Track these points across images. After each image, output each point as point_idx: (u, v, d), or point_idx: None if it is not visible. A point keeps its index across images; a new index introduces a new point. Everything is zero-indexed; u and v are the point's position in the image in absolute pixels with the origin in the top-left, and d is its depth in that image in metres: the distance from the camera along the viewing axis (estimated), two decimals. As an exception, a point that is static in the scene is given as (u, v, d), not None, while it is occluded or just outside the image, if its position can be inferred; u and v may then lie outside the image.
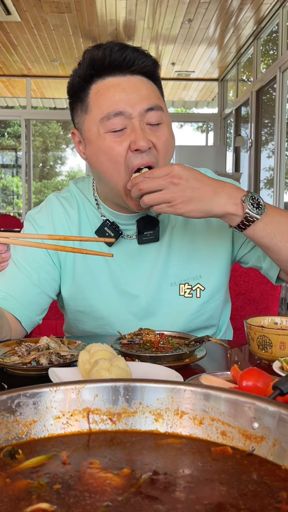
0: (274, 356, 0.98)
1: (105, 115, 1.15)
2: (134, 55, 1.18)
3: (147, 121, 1.17)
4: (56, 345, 0.97)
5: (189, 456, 0.60)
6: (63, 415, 0.64)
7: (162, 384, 0.66)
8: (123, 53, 1.17)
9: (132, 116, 1.15)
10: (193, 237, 1.34)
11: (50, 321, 3.59)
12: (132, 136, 1.15)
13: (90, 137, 1.20)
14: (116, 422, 0.65)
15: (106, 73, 1.18)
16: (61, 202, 1.37)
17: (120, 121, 1.15)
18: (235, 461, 0.58)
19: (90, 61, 1.18)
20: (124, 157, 1.15)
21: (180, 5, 6.47)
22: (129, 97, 1.15)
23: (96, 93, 1.18)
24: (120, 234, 1.30)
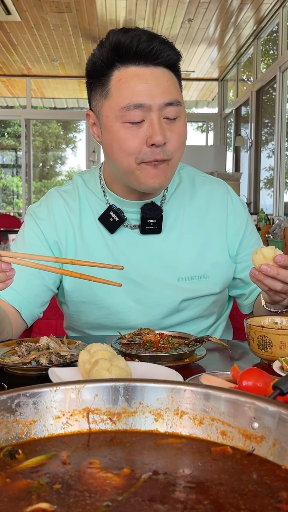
0: (274, 356, 0.98)
1: (126, 105, 1.15)
2: (161, 47, 1.16)
3: (165, 115, 1.17)
4: (56, 345, 0.97)
5: (189, 456, 0.60)
6: (63, 415, 0.64)
7: (162, 384, 0.66)
8: (151, 44, 1.15)
9: (152, 109, 1.15)
10: (205, 238, 1.36)
11: (50, 321, 3.59)
12: (149, 130, 1.15)
13: (107, 123, 1.20)
14: (116, 422, 0.65)
15: (130, 62, 1.16)
16: (61, 195, 1.38)
17: (139, 113, 1.15)
18: (235, 461, 0.58)
19: (115, 46, 1.16)
20: (137, 150, 1.17)
21: (180, 5, 6.47)
22: (150, 90, 1.15)
23: (119, 81, 1.17)
24: (125, 219, 1.31)
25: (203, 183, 1.42)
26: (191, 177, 1.43)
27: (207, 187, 1.42)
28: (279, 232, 5.07)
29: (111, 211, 1.30)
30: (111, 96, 1.18)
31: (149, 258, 1.33)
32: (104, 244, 1.33)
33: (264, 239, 5.38)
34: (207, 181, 1.43)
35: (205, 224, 1.37)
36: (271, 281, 1.09)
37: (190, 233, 1.35)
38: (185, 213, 1.36)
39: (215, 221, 1.38)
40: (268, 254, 1.08)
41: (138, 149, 1.16)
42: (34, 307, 1.33)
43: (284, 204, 6.73)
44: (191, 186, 1.41)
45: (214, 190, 1.41)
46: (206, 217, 1.38)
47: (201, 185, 1.42)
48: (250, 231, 1.42)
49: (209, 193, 1.40)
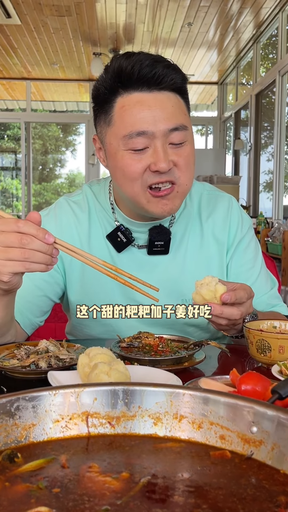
0: (273, 360, 0.98)
1: (128, 133, 1.14)
2: (164, 71, 1.14)
3: (170, 141, 1.15)
4: (55, 348, 0.97)
5: (188, 460, 0.60)
6: (62, 419, 0.65)
7: (161, 388, 0.66)
8: (153, 69, 1.13)
9: (156, 136, 1.13)
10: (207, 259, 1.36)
11: (49, 324, 3.58)
12: (153, 157, 1.14)
13: (111, 150, 1.20)
14: (115, 426, 0.66)
15: (133, 88, 1.15)
16: (70, 206, 1.36)
17: (142, 140, 1.13)
18: (233, 465, 0.58)
19: (117, 72, 1.15)
20: (140, 175, 1.16)
21: (180, 9, 6.48)
22: (153, 116, 1.13)
23: (121, 108, 1.16)
24: (132, 241, 1.30)
25: (209, 201, 1.41)
26: (199, 194, 1.42)
27: (212, 205, 1.41)
28: (278, 236, 5.07)
29: (119, 231, 1.30)
30: (114, 124, 1.17)
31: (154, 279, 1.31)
32: (111, 261, 1.32)
33: (263, 243, 5.39)
34: (212, 198, 1.42)
35: (208, 243, 1.37)
36: (215, 318, 1.07)
37: (194, 253, 1.35)
38: (191, 233, 1.36)
39: (217, 239, 1.38)
40: (207, 296, 1.04)
41: (141, 174, 1.16)
42: (34, 316, 1.33)
43: (283, 207, 6.73)
44: (198, 205, 1.40)
45: (217, 208, 1.40)
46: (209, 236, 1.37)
47: (207, 203, 1.41)
48: (244, 248, 1.40)
49: (213, 211, 1.40)
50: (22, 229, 0.93)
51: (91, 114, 3.86)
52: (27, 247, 0.93)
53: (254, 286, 1.38)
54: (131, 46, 7.90)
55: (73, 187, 14.06)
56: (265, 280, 1.41)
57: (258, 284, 1.38)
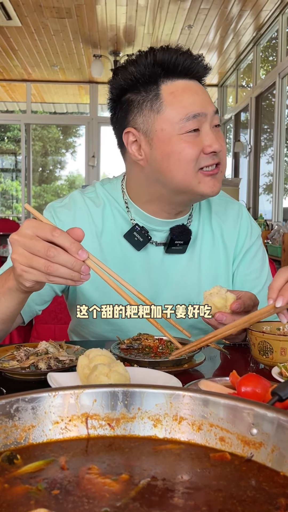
0: (275, 362, 0.98)
1: (185, 116, 1.19)
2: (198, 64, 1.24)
3: (213, 122, 1.23)
4: (55, 349, 0.97)
5: (187, 462, 0.60)
6: (61, 420, 0.64)
7: (161, 390, 0.66)
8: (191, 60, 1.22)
9: (207, 117, 1.21)
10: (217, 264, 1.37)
11: (49, 325, 3.58)
12: (206, 139, 1.20)
13: (163, 137, 1.20)
14: (115, 428, 0.65)
15: (176, 76, 1.22)
16: (85, 201, 1.35)
17: (196, 123, 1.19)
18: (233, 467, 0.58)
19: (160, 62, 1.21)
20: (196, 159, 1.20)
21: (180, 11, 6.50)
22: (202, 99, 1.21)
23: (171, 94, 1.20)
24: (149, 240, 1.30)
25: (220, 206, 1.42)
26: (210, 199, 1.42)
27: (223, 211, 1.41)
28: (278, 238, 5.07)
29: (135, 231, 1.30)
30: (164, 110, 1.20)
31: (168, 279, 1.33)
32: (123, 261, 1.31)
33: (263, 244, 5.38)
34: (223, 205, 1.43)
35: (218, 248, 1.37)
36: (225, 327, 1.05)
37: (207, 256, 1.36)
38: (204, 236, 1.37)
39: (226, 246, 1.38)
40: (218, 304, 1.05)
41: (197, 156, 1.20)
42: (34, 303, 1.32)
43: (283, 209, 6.74)
44: (209, 210, 1.41)
45: (228, 215, 1.41)
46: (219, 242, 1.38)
47: (217, 209, 1.42)
48: (252, 257, 1.40)
49: (223, 218, 1.40)
50: (56, 239, 0.88)
51: (91, 116, 3.84)
52: (53, 260, 0.88)
53: (260, 295, 1.37)
54: (131, 48, 7.91)
55: (73, 188, 14.06)
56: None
57: (264, 294, 1.38)
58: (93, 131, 10.19)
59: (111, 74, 8.51)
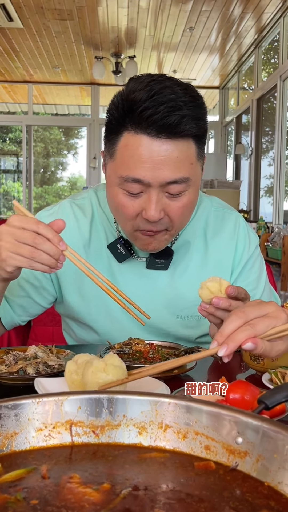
0: (266, 368, 0.97)
1: (124, 176, 1.09)
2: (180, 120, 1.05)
3: (167, 190, 1.11)
4: (44, 354, 0.96)
5: (171, 471, 0.59)
6: (45, 427, 0.64)
7: (146, 397, 0.65)
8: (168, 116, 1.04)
9: (151, 185, 1.09)
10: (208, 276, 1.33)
11: (47, 327, 3.57)
12: (146, 203, 1.11)
13: (109, 181, 1.17)
14: (99, 435, 0.65)
15: (140, 129, 1.06)
16: (73, 210, 1.34)
17: (138, 186, 1.10)
18: (217, 477, 0.57)
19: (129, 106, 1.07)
20: (133, 218, 1.14)
21: (182, 13, 6.49)
22: (153, 166, 1.07)
23: (125, 147, 1.09)
24: (132, 254, 1.29)
25: (216, 218, 1.38)
26: (207, 211, 1.38)
27: (219, 223, 1.38)
28: (278, 241, 5.06)
29: (119, 243, 1.28)
30: (115, 159, 1.12)
31: (151, 293, 1.31)
32: (110, 270, 1.31)
33: (263, 248, 5.37)
34: (219, 216, 1.39)
35: (211, 262, 1.34)
36: (223, 313, 1.06)
37: (195, 272, 1.33)
38: (194, 252, 1.34)
39: (222, 260, 1.35)
40: (213, 288, 1.06)
41: (134, 218, 1.14)
42: (15, 314, 1.33)
43: (283, 212, 6.72)
44: (205, 222, 1.37)
45: (224, 226, 1.38)
46: (214, 256, 1.35)
47: (214, 221, 1.38)
48: (249, 268, 1.38)
49: (219, 230, 1.37)
50: (40, 231, 0.99)
51: (93, 118, 3.83)
52: (38, 247, 0.98)
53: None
54: (133, 50, 7.91)
55: (75, 190, 14.07)
56: (267, 300, 1.40)
57: None
58: (94, 132, 10.19)
59: (112, 76, 8.51)
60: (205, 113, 1.12)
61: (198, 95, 1.12)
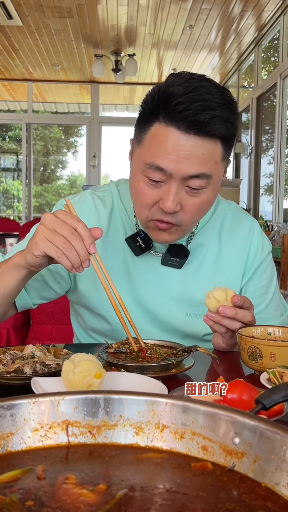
0: (265, 367, 0.97)
1: (149, 163, 1.12)
2: (209, 120, 1.08)
3: (187, 184, 1.13)
4: (42, 353, 0.96)
5: (168, 471, 0.59)
6: (41, 428, 0.63)
7: (143, 397, 0.64)
8: (198, 115, 1.07)
9: (173, 176, 1.11)
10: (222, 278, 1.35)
11: (46, 326, 3.57)
12: (164, 195, 1.13)
13: (133, 167, 1.20)
14: (96, 435, 0.64)
15: (172, 122, 1.09)
16: (94, 201, 1.37)
17: (160, 175, 1.12)
18: (214, 478, 0.57)
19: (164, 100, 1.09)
20: (150, 206, 1.16)
21: (181, 11, 6.48)
22: (178, 158, 1.09)
23: (154, 136, 1.12)
24: (151, 247, 1.30)
25: (232, 221, 1.39)
26: (224, 212, 1.40)
27: (235, 226, 1.39)
28: (278, 239, 5.06)
29: (139, 237, 1.30)
30: (142, 146, 1.15)
31: (164, 289, 1.32)
32: (124, 263, 1.32)
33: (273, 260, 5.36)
34: (236, 219, 1.40)
35: (224, 264, 1.36)
36: (229, 321, 1.11)
37: (207, 272, 1.34)
38: (208, 252, 1.35)
39: (234, 262, 1.36)
40: (220, 297, 1.09)
41: (151, 206, 1.16)
42: (29, 296, 1.33)
43: (283, 210, 6.72)
44: (221, 224, 1.38)
45: (239, 230, 1.39)
46: (226, 258, 1.36)
47: (230, 223, 1.39)
48: (260, 273, 1.38)
49: (234, 233, 1.38)
50: (79, 229, 1.03)
51: (92, 116, 3.81)
52: (71, 241, 1.02)
53: (263, 312, 1.36)
54: (132, 48, 7.90)
55: (74, 188, 14.06)
56: (275, 307, 1.41)
57: (268, 310, 1.38)
58: (94, 131, 10.18)
59: (112, 74, 8.51)
60: (236, 118, 1.15)
61: (233, 100, 1.15)
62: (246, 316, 1.10)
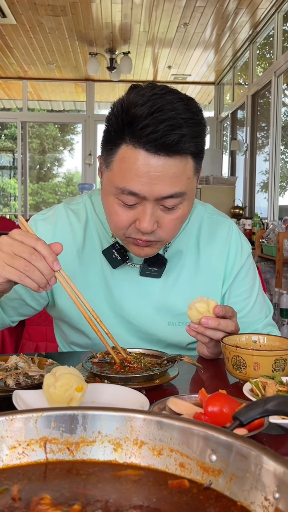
0: (249, 377, 0.97)
1: (121, 188, 1.09)
2: (182, 139, 1.05)
3: (162, 204, 1.11)
4: (26, 364, 0.95)
5: (144, 489, 0.58)
6: (19, 445, 0.63)
7: (121, 413, 0.64)
8: (170, 137, 1.04)
9: (147, 199, 1.09)
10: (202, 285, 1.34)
11: (40, 327, 3.57)
12: (140, 215, 1.11)
13: (104, 189, 1.18)
14: (74, 452, 0.64)
15: (140, 144, 1.05)
16: (68, 215, 1.34)
17: (133, 198, 1.10)
18: (190, 496, 0.57)
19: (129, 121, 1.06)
20: (126, 227, 1.15)
21: (176, 9, 6.46)
22: (150, 181, 1.07)
23: (122, 159, 1.09)
24: (126, 259, 1.29)
25: (210, 225, 1.38)
26: (200, 218, 1.38)
27: (212, 231, 1.38)
28: (273, 237, 5.06)
29: (114, 249, 1.28)
30: (111, 169, 1.12)
31: (144, 299, 1.31)
32: (102, 276, 1.31)
33: (258, 244, 5.37)
34: (213, 223, 1.39)
35: (203, 271, 1.34)
36: (212, 332, 1.11)
37: (187, 280, 1.33)
38: (186, 259, 1.34)
39: (214, 268, 1.35)
40: (201, 308, 1.10)
41: (127, 227, 1.15)
42: (6, 315, 1.33)
43: (278, 208, 6.72)
44: (198, 230, 1.37)
45: (217, 234, 1.37)
46: (206, 264, 1.35)
47: (207, 228, 1.38)
48: (242, 278, 1.37)
49: (212, 238, 1.37)
50: (38, 247, 1.00)
51: (88, 114, 3.78)
52: (33, 262, 0.99)
53: (248, 316, 1.36)
54: (127, 46, 7.87)
55: (71, 186, 14.05)
56: (259, 309, 1.40)
57: (252, 313, 1.38)
58: (89, 129, 10.16)
59: (107, 72, 8.47)
60: (204, 129, 1.13)
61: (198, 109, 1.12)
62: (228, 326, 1.10)
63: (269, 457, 0.53)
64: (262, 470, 0.53)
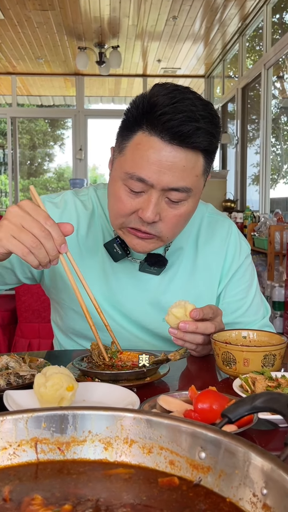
0: (239, 373, 0.98)
1: (130, 173, 1.11)
2: (197, 132, 1.07)
3: (167, 196, 1.12)
4: (17, 364, 0.96)
5: (135, 488, 0.59)
6: (10, 446, 0.63)
7: (111, 412, 0.65)
8: (182, 126, 1.06)
9: (154, 187, 1.10)
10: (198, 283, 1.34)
11: (33, 324, 3.57)
12: (144, 203, 1.12)
13: (113, 175, 1.18)
14: (65, 451, 0.64)
15: (155, 131, 1.08)
16: (75, 203, 1.35)
17: (141, 185, 1.11)
18: (180, 493, 0.57)
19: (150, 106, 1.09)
20: (128, 214, 1.15)
21: (164, 2, 6.43)
22: (160, 170, 1.08)
23: (136, 145, 1.11)
24: (127, 254, 1.29)
25: (209, 225, 1.39)
26: (200, 217, 1.39)
27: (211, 230, 1.38)
28: (264, 230, 5.07)
29: (115, 243, 1.28)
30: (124, 155, 1.14)
31: (141, 294, 1.32)
32: (102, 268, 1.31)
33: (249, 237, 5.38)
34: (212, 223, 1.40)
35: (200, 269, 1.35)
36: (191, 336, 1.11)
37: (185, 278, 1.34)
38: (185, 257, 1.35)
39: (211, 267, 1.36)
40: (178, 313, 1.10)
41: (128, 215, 1.15)
42: None
43: (270, 200, 6.73)
44: (197, 229, 1.38)
45: (216, 234, 1.38)
46: (203, 263, 1.36)
47: (206, 228, 1.38)
48: (239, 278, 1.38)
49: (211, 238, 1.38)
50: (47, 226, 0.96)
51: (78, 109, 3.77)
52: (41, 240, 0.95)
53: (244, 316, 1.37)
54: (116, 40, 7.83)
55: (62, 181, 13.99)
56: (256, 309, 1.41)
57: (248, 314, 1.39)
58: (80, 123, 10.11)
59: (96, 66, 8.42)
60: (219, 131, 1.15)
61: (216, 114, 1.14)
62: (208, 328, 1.11)
63: (257, 454, 0.54)
64: (250, 466, 0.54)
